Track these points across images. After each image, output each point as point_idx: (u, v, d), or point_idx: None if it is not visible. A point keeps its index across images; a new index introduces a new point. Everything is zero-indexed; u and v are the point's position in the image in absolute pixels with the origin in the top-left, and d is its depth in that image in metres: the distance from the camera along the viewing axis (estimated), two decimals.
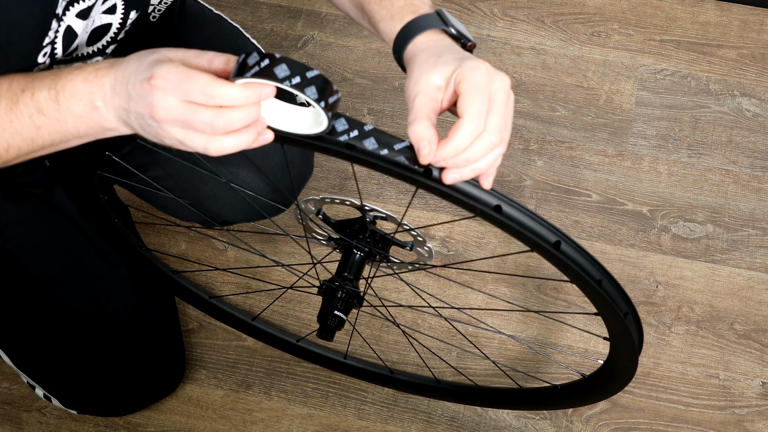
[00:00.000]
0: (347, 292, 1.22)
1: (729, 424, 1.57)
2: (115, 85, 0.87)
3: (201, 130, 0.84)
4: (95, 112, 0.89)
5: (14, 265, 1.36)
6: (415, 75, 0.91)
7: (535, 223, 0.93)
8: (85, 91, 0.89)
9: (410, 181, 0.89)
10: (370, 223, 1.22)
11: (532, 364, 1.62)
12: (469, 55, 0.92)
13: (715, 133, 1.84)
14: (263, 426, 1.58)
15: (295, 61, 0.81)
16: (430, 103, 0.88)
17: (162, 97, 0.83)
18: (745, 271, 1.70)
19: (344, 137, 0.87)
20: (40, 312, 1.39)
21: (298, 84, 0.81)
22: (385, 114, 1.86)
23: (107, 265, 1.42)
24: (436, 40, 0.96)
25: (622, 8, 1.98)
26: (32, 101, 0.91)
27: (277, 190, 1.40)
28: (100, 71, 0.89)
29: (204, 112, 0.83)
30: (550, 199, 1.77)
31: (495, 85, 0.87)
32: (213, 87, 0.82)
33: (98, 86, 0.88)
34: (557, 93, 1.89)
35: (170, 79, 0.83)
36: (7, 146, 0.94)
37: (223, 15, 1.45)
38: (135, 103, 0.85)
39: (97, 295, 1.41)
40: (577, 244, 0.96)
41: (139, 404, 1.53)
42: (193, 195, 1.40)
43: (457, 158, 0.86)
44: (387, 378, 1.54)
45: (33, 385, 1.48)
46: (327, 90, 0.82)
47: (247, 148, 0.87)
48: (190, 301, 1.56)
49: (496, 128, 0.86)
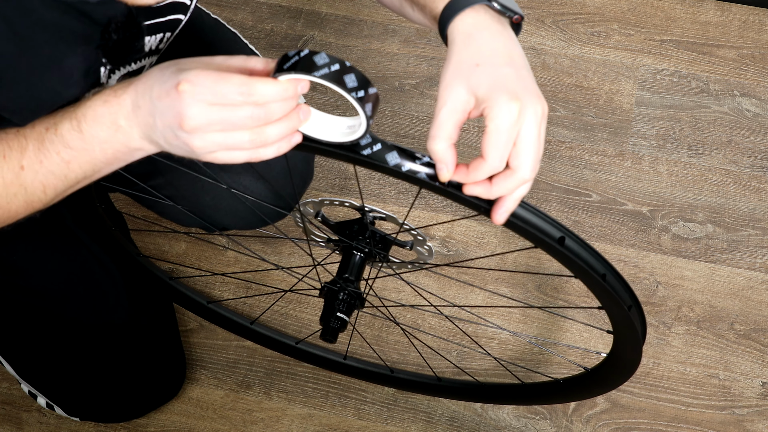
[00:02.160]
0: (349, 294, 1.22)
1: (729, 424, 1.57)
2: (137, 100, 0.85)
3: (243, 126, 0.82)
4: (119, 132, 0.87)
5: (19, 276, 1.36)
6: (449, 76, 0.87)
7: (539, 220, 0.93)
8: (107, 113, 0.87)
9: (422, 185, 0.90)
10: (370, 223, 1.22)
11: (532, 364, 1.62)
12: (505, 78, 0.85)
13: (715, 133, 1.84)
14: (263, 426, 1.58)
15: (362, 73, 0.80)
16: (455, 117, 0.86)
17: (192, 105, 0.81)
18: (745, 271, 1.70)
19: (367, 151, 0.88)
20: (43, 322, 1.39)
21: (362, 98, 0.81)
22: (385, 114, 1.86)
23: (106, 275, 1.43)
24: (477, 25, 0.90)
25: (622, 8, 1.98)
26: (57, 137, 0.89)
27: (279, 196, 1.40)
28: (119, 90, 0.87)
29: (243, 107, 0.81)
30: (550, 199, 1.77)
31: (526, 122, 0.84)
32: (251, 86, 0.80)
33: (118, 105, 0.86)
34: (557, 93, 1.89)
35: (200, 83, 0.80)
36: (43, 187, 0.93)
37: (220, 19, 1.45)
38: (161, 115, 0.83)
39: (98, 304, 1.42)
40: (581, 239, 0.96)
41: (140, 410, 1.54)
42: (195, 204, 1.40)
43: (490, 193, 0.86)
44: (388, 377, 1.54)
45: (35, 394, 1.49)
46: (377, 102, 0.84)
47: (287, 147, 0.86)
48: (188, 307, 1.57)
49: (528, 167, 0.85)
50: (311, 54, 0.80)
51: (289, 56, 0.81)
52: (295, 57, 0.80)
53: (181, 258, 1.72)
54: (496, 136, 0.84)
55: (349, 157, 0.89)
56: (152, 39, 1.06)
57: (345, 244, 1.24)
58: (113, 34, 0.93)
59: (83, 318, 1.40)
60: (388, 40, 1.95)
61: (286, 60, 0.81)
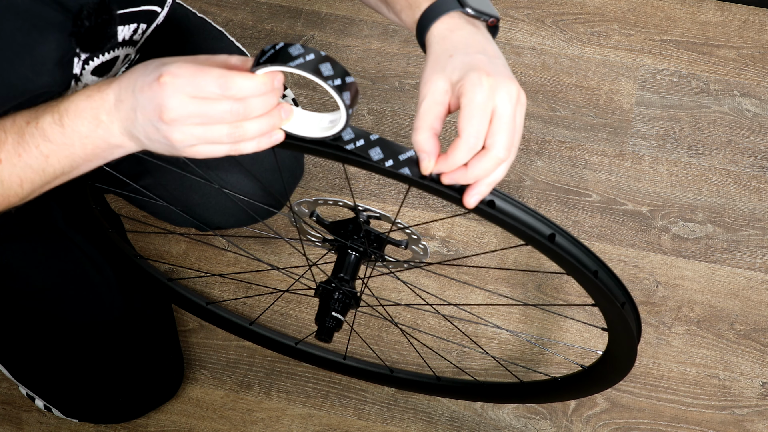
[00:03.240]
0: (344, 293, 1.22)
1: (729, 424, 1.57)
2: (120, 94, 0.86)
3: (222, 120, 0.83)
4: (100, 127, 0.88)
5: (13, 278, 1.37)
6: (427, 72, 0.90)
7: (529, 217, 0.93)
8: (89, 108, 0.88)
9: (408, 182, 0.90)
10: (364, 222, 1.22)
11: (532, 363, 1.62)
12: (478, 61, 0.88)
13: (715, 133, 1.84)
14: (263, 426, 1.58)
15: (339, 62, 0.81)
16: (436, 109, 0.87)
17: (172, 95, 0.82)
18: (745, 271, 1.70)
19: (350, 146, 0.88)
20: (38, 324, 1.40)
21: (339, 86, 0.81)
22: (384, 114, 1.87)
23: (100, 275, 1.43)
24: (451, 28, 0.93)
25: (622, 8, 1.98)
26: (37, 130, 0.90)
27: (269, 194, 1.40)
28: (103, 86, 0.88)
29: (222, 101, 0.82)
30: (550, 199, 1.77)
31: (499, 99, 0.85)
32: (228, 78, 0.81)
33: (101, 100, 0.87)
34: (557, 93, 1.89)
35: (181, 74, 0.81)
36: (20, 181, 0.93)
37: (206, 18, 1.46)
38: (142, 108, 0.84)
39: (93, 305, 1.42)
40: (572, 236, 0.96)
41: (137, 411, 1.54)
42: (184, 202, 1.40)
43: (467, 177, 0.86)
44: (387, 377, 1.54)
45: (32, 396, 1.49)
46: (357, 96, 0.84)
47: (268, 144, 0.86)
48: (186, 308, 1.57)
49: (503, 145, 0.85)
50: (286, 46, 0.81)
51: (266, 50, 0.82)
52: (271, 50, 0.81)
53: (181, 258, 1.72)
54: (469, 110, 0.85)
55: (333, 153, 0.89)
56: (126, 29, 1.07)
57: (340, 243, 1.24)
58: (85, 21, 0.93)
59: (77, 319, 1.41)
60: (388, 40, 1.96)
61: (262, 54, 0.82)
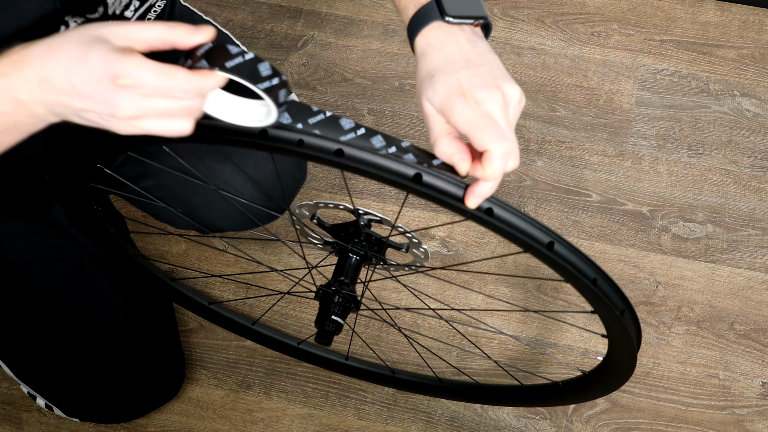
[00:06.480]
0: (344, 297, 1.22)
1: (729, 424, 1.57)
2: (50, 77, 0.78)
3: (176, 112, 0.80)
4: (21, 106, 0.81)
5: (14, 277, 1.37)
6: (416, 90, 0.91)
7: (527, 225, 0.92)
8: (5, 87, 0.79)
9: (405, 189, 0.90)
10: (365, 226, 1.22)
11: (532, 364, 1.62)
12: (460, 81, 0.87)
13: (715, 133, 1.84)
14: (263, 426, 1.58)
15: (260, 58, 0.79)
16: (437, 119, 0.88)
17: (131, 98, 0.77)
18: (745, 271, 1.70)
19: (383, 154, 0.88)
20: (40, 322, 1.40)
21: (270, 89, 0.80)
22: (385, 114, 1.87)
23: (103, 275, 1.43)
24: (432, 43, 0.92)
25: (622, 8, 1.98)
26: None
27: (271, 198, 1.40)
28: (18, 63, 0.79)
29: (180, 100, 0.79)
30: (550, 199, 1.77)
31: (489, 108, 0.86)
32: (193, 83, 0.78)
33: (20, 79, 0.79)
34: (557, 93, 1.89)
35: (144, 83, 0.77)
36: None
37: (213, 21, 1.45)
38: (89, 101, 0.78)
39: (94, 304, 1.42)
40: (570, 244, 0.96)
41: (139, 410, 1.54)
42: (186, 205, 1.40)
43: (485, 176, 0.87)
44: (389, 378, 1.54)
45: (33, 395, 1.49)
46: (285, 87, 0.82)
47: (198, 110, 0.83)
48: (189, 308, 1.57)
49: (492, 139, 0.85)
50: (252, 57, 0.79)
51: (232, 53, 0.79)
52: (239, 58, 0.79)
53: (181, 258, 1.72)
54: (470, 132, 0.86)
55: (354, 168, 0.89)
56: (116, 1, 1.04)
57: (340, 246, 1.24)
58: None
59: (79, 317, 1.41)
60: (388, 40, 1.95)
61: (230, 58, 0.79)
